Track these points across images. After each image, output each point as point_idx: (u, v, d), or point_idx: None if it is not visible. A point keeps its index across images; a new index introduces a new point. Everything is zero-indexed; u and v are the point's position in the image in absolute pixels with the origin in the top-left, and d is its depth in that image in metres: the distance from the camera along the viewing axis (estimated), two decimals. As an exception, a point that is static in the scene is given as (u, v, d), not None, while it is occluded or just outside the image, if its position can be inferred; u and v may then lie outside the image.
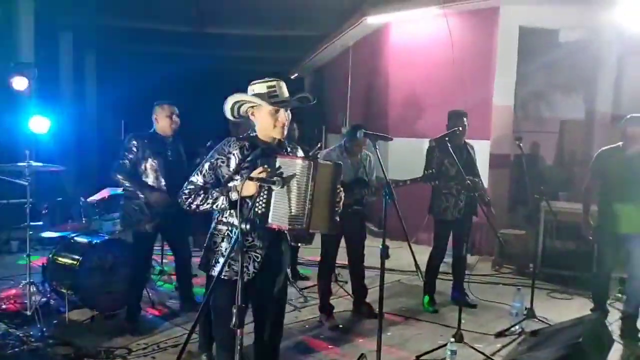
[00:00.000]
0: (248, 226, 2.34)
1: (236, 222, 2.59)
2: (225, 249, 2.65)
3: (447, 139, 4.48)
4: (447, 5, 7.39)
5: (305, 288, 5.58)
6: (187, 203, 2.70)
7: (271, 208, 2.51)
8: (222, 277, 2.60)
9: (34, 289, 4.45)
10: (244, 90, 2.79)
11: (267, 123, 2.68)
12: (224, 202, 2.60)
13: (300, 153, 2.91)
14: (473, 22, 7.50)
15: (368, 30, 9.06)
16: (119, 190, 5.15)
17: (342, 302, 5.21)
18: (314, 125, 11.80)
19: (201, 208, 2.67)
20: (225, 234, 2.68)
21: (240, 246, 2.35)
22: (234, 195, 2.55)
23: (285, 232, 2.67)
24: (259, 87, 2.71)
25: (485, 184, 7.22)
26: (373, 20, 8.30)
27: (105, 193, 5.37)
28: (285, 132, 2.74)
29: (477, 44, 7.46)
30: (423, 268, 5.02)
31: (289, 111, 2.72)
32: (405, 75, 8.27)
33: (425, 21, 7.96)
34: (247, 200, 2.51)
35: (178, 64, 15.48)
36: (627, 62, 8.24)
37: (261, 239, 2.67)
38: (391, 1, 8.05)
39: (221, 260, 2.63)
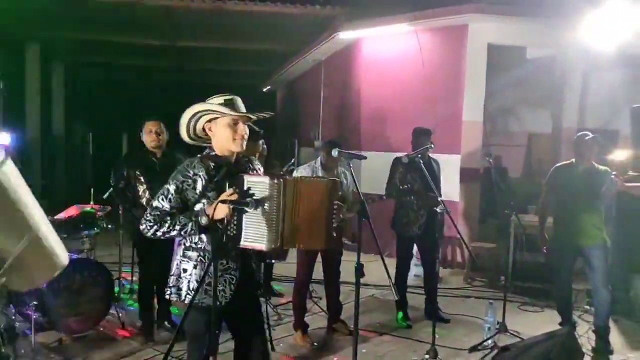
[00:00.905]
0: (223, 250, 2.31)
1: (208, 247, 2.57)
2: (199, 276, 2.56)
3: (419, 156, 4.52)
4: (417, 22, 7.51)
5: (279, 305, 5.53)
6: (152, 231, 2.55)
7: (242, 229, 2.47)
8: (201, 304, 2.54)
9: (-2, 312, 4.30)
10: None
11: (226, 135, 2.60)
12: (193, 227, 2.50)
13: (257, 165, 2.87)
14: (443, 39, 7.64)
15: (340, 46, 9.14)
16: (88, 208, 5.07)
17: (316, 319, 5.18)
18: (286, 139, 11.81)
19: (167, 236, 2.55)
20: (198, 260, 2.59)
21: (214, 271, 2.31)
22: (203, 220, 2.45)
23: (258, 252, 2.62)
24: (215, 100, 2.64)
25: (457, 197, 7.37)
26: (345, 35, 8.37)
27: (73, 210, 5.22)
28: (244, 146, 2.66)
29: (447, 61, 7.59)
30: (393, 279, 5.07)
31: (246, 126, 2.67)
32: (376, 90, 8.36)
33: (397, 37, 8.07)
34: (218, 224, 2.45)
35: (149, 76, 15.37)
36: (591, 78, 8.50)
37: (234, 261, 2.61)
38: (363, 17, 8.15)
39: (195, 286, 2.54)
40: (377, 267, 3.34)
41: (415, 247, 5.52)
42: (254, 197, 2.42)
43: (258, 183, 2.47)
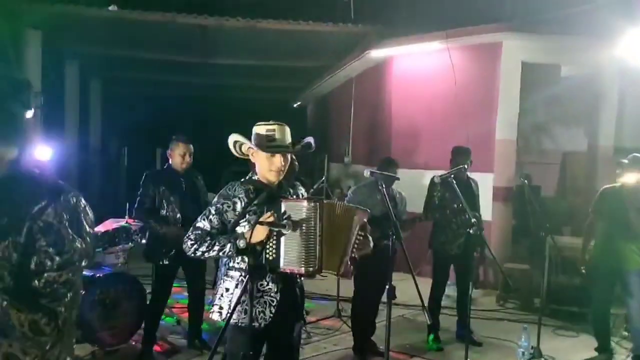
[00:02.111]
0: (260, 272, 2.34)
1: (246, 266, 2.61)
2: (241, 296, 2.57)
3: (452, 176, 4.48)
4: (450, 40, 7.49)
5: (309, 323, 5.50)
6: (192, 249, 2.67)
7: (281, 253, 2.51)
8: (240, 324, 2.58)
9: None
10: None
11: (264, 166, 2.69)
12: (232, 249, 2.56)
13: (301, 190, 2.91)
14: (476, 57, 7.59)
15: (371, 63, 9.16)
16: (123, 222, 5.17)
17: (346, 338, 5.14)
18: (316, 154, 11.85)
19: (207, 255, 2.65)
20: (239, 279, 2.64)
21: (250, 292, 2.34)
22: (241, 243, 2.51)
23: (298, 275, 2.65)
24: (259, 129, 2.72)
25: (489, 216, 7.26)
26: (376, 53, 8.41)
27: (109, 225, 5.33)
28: (281, 176, 2.73)
29: (480, 78, 7.53)
30: (426, 300, 5.00)
31: (288, 156, 2.73)
32: (408, 107, 8.34)
33: (428, 55, 8.05)
34: (257, 246, 2.50)
35: (183, 92, 15.66)
36: (628, 96, 8.31)
37: (275, 282, 2.64)
38: (394, 35, 8.17)
39: (237, 307, 2.56)
40: (408, 286, 3.31)
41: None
42: (291, 220, 2.45)
43: (296, 207, 2.53)
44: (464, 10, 7.85)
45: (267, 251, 2.51)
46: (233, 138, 2.74)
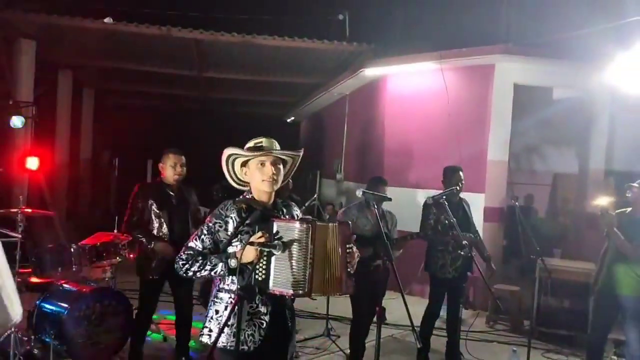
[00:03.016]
0: (248, 292, 2.31)
1: (235, 288, 2.58)
2: (230, 319, 2.52)
3: (444, 197, 4.49)
4: (444, 61, 7.55)
5: (297, 342, 5.43)
6: (184, 269, 2.64)
7: (271, 274, 2.47)
8: (229, 347, 2.52)
9: (18, 338, 4.32)
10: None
11: (257, 177, 2.67)
12: (223, 268, 2.54)
13: (296, 211, 2.88)
14: (469, 78, 7.65)
15: (365, 81, 9.21)
16: (112, 237, 5.10)
17: (333, 358, 5.09)
18: (308, 171, 11.84)
19: (198, 275, 2.61)
20: (229, 302, 2.60)
21: (238, 315, 2.30)
22: (232, 263, 2.50)
23: (287, 297, 2.61)
24: (248, 144, 2.72)
25: (480, 237, 7.25)
26: (370, 72, 8.45)
27: (98, 238, 5.27)
28: (276, 186, 2.70)
29: (473, 99, 7.59)
30: (415, 321, 4.96)
31: (280, 166, 2.71)
32: (400, 126, 8.37)
33: (422, 75, 8.11)
34: (248, 266, 2.47)
35: (176, 105, 15.67)
36: (619, 119, 8.40)
37: (265, 305, 2.60)
38: (388, 54, 8.23)
39: (226, 329, 2.52)
40: (398, 306, 3.28)
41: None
42: (282, 241, 2.42)
43: (288, 227, 2.50)
44: (458, 31, 7.94)
45: (257, 272, 2.48)
46: (225, 154, 2.71)
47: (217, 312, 2.63)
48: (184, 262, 2.63)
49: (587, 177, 8.36)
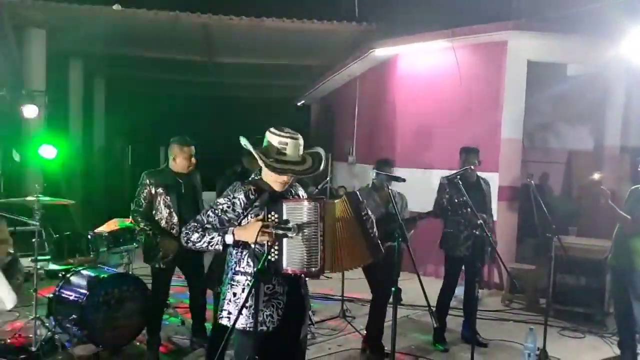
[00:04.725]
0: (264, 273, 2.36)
1: (251, 269, 2.62)
2: (248, 300, 2.55)
3: (458, 177, 4.46)
4: (455, 39, 7.44)
5: (313, 324, 5.47)
6: (185, 238, 2.69)
7: (284, 254, 2.52)
8: (247, 329, 2.56)
9: (39, 323, 4.41)
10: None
11: (269, 175, 2.70)
12: (219, 243, 2.58)
13: (300, 191, 2.90)
14: (481, 55, 7.54)
15: (376, 62, 9.12)
16: (128, 222, 5.15)
17: (349, 339, 5.12)
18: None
19: (197, 245, 2.64)
20: (246, 284, 2.63)
21: (256, 294, 2.34)
22: (228, 238, 2.55)
23: (301, 275, 2.64)
24: (272, 138, 2.68)
25: (495, 216, 7.20)
26: (381, 52, 8.36)
27: (113, 224, 5.33)
28: (284, 188, 2.74)
29: (485, 77, 7.48)
30: (431, 301, 4.97)
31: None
32: (412, 106, 8.29)
33: (433, 53, 8.01)
34: (258, 247, 2.52)
35: (187, 90, 15.66)
36: (634, 94, 8.25)
37: (281, 285, 2.64)
38: (399, 34, 8.12)
39: (244, 311, 2.55)
40: (413, 286, 3.29)
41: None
42: (296, 223, 2.46)
43: (297, 207, 2.53)
44: (470, 8, 7.79)
45: (270, 253, 2.51)
46: (243, 143, 2.73)
47: (234, 294, 2.66)
48: (187, 231, 2.68)
49: (603, 153, 8.26)
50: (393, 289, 3.11)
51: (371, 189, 4.72)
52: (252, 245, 2.56)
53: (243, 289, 2.63)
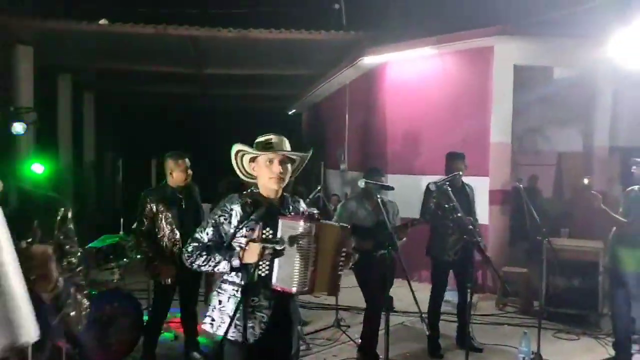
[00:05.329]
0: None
1: (240, 280, 2.63)
2: (232, 310, 2.58)
3: (447, 183, 4.47)
4: (442, 46, 7.49)
5: (307, 334, 5.46)
6: (189, 261, 2.70)
7: (275, 270, 2.52)
8: (230, 337, 2.56)
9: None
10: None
11: (264, 175, 2.69)
12: (226, 267, 2.58)
13: (302, 206, 2.89)
14: (468, 61, 7.59)
15: (364, 69, 9.16)
16: (117, 238, 5.13)
17: (344, 349, 5.11)
18: (312, 162, 11.82)
19: (202, 269, 2.67)
20: (232, 293, 2.65)
21: (243, 307, 2.36)
22: (235, 262, 2.55)
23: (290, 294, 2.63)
24: (258, 141, 2.73)
25: (486, 220, 7.24)
26: (369, 60, 8.40)
27: (104, 240, 5.30)
28: (283, 184, 2.72)
29: (473, 82, 7.53)
30: (423, 307, 4.98)
31: (288, 165, 2.72)
32: (402, 113, 8.33)
33: (421, 60, 8.05)
34: (251, 263, 2.51)
35: (178, 103, 15.67)
36: (622, 95, 8.32)
37: (267, 299, 2.63)
38: (386, 42, 8.16)
39: (227, 320, 2.58)
40: (406, 293, 3.30)
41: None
42: (286, 240, 2.47)
43: (292, 226, 2.53)
44: (456, 15, 7.87)
45: (260, 267, 2.52)
46: (234, 149, 2.74)
47: (220, 302, 2.69)
48: (189, 254, 2.69)
49: (592, 154, 8.31)
50: (385, 296, 3.12)
51: (363, 197, 4.73)
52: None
53: (229, 298, 2.65)
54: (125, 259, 4.93)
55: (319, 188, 6.06)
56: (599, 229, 5.56)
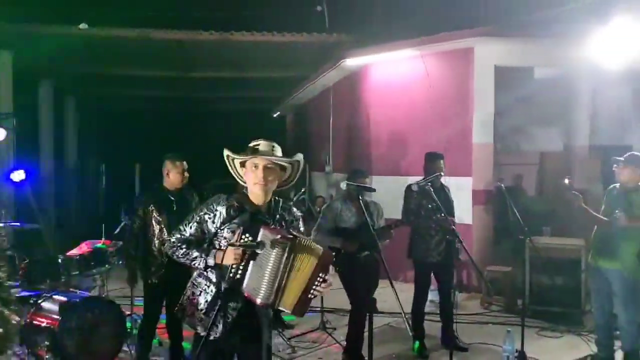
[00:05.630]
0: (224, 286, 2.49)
1: (214, 278, 2.67)
2: (201, 304, 2.68)
3: (429, 183, 4.49)
4: (423, 47, 7.53)
5: (293, 337, 5.44)
6: (171, 251, 2.78)
7: (247, 276, 2.53)
8: (197, 332, 2.68)
9: (10, 353, 4.29)
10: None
11: (250, 180, 2.71)
12: (201, 264, 2.66)
13: (295, 213, 2.86)
14: (449, 62, 7.64)
15: (347, 71, 9.18)
16: (100, 244, 5.08)
17: (330, 352, 5.10)
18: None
19: (181, 260, 2.75)
20: (204, 288, 2.72)
21: (210, 303, 2.57)
22: (210, 261, 2.62)
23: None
24: (248, 147, 2.75)
25: (469, 220, 7.29)
26: (352, 62, 8.42)
27: (85, 247, 5.25)
28: (268, 190, 2.72)
29: (455, 84, 7.59)
30: (410, 307, 5.00)
31: (275, 170, 2.70)
32: (385, 114, 8.36)
33: (403, 62, 8.09)
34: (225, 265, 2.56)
35: (162, 106, 15.56)
36: (601, 95, 8.43)
37: (236, 301, 2.64)
38: (369, 44, 8.20)
39: (195, 312, 2.69)
40: (391, 294, 3.30)
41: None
42: (264, 243, 2.49)
43: (271, 237, 2.53)
44: (437, 17, 7.93)
45: (234, 270, 2.53)
46: (225, 153, 2.77)
47: (193, 294, 2.75)
48: (171, 245, 2.77)
49: (573, 153, 8.41)
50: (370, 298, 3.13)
51: (347, 199, 4.73)
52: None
53: (200, 292, 2.72)
54: (107, 265, 4.89)
55: (302, 190, 6.05)
56: (581, 227, 5.62)
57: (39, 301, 4.54)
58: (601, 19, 6.56)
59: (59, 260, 4.77)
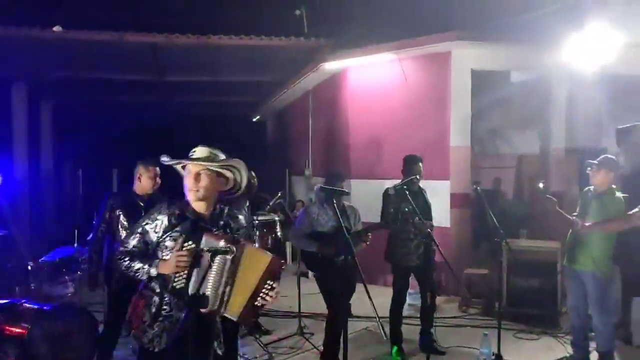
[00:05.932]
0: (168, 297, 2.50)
1: (158, 289, 2.64)
2: (146, 315, 2.64)
3: (405, 186, 4.48)
4: (401, 51, 7.56)
5: (270, 343, 5.38)
6: (116, 265, 2.72)
7: (190, 284, 2.49)
8: (140, 344, 2.64)
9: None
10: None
11: (185, 187, 2.67)
12: (144, 275, 2.62)
13: (241, 222, 2.79)
14: (427, 67, 7.68)
15: (326, 75, 9.17)
16: (72, 251, 4.98)
17: (307, 357, 5.05)
18: (277, 168, 11.77)
19: (127, 273, 2.69)
20: (148, 300, 2.67)
21: (153, 315, 2.54)
22: (152, 271, 2.59)
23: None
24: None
25: (447, 223, 7.31)
26: (330, 66, 8.42)
27: (57, 253, 5.14)
28: (200, 196, 2.63)
29: (432, 87, 7.62)
30: (387, 311, 4.98)
31: (206, 177, 2.62)
32: (364, 118, 8.36)
33: (381, 65, 8.11)
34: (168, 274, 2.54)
35: (138, 111, 15.37)
36: (577, 97, 8.54)
37: (180, 311, 2.58)
38: (347, 48, 8.20)
39: (140, 324, 2.64)
40: (367, 298, 3.28)
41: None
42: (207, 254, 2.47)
43: (213, 243, 2.50)
44: (414, 21, 7.96)
45: (177, 279, 2.50)
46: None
47: (137, 305, 2.70)
48: (118, 257, 2.71)
49: (549, 156, 8.49)
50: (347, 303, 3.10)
51: (324, 203, 4.70)
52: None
53: (145, 304, 2.67)
54: (79, 272, 4.79)
55: (278, 195, 5.99)
56: (557, 230, 5.67)
57: (8, 309, 4.42)
58: (575, 24, 6.66)
59: (29, 267, 4.66)
